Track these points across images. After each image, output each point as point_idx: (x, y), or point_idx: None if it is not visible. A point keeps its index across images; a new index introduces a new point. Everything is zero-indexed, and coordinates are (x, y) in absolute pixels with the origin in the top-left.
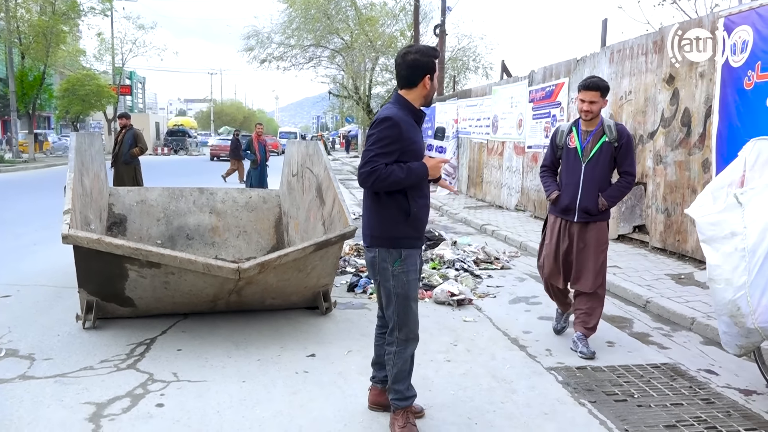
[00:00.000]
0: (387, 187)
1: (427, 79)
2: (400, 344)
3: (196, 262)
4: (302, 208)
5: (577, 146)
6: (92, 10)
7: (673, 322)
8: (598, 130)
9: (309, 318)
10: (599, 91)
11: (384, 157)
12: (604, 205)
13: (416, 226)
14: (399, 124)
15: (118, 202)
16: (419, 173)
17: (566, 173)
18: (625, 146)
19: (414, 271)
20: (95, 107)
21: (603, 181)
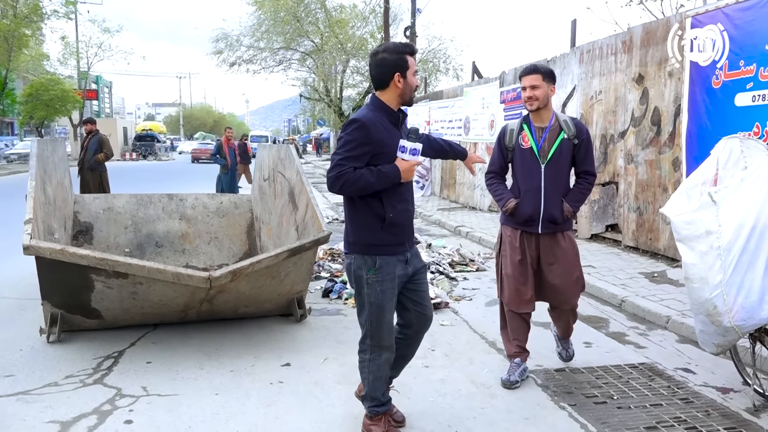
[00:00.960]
0: (356, 192)
1: (398, 77)
2: (373, 351)
3: (166, 272)
4: (274, 214)
5: (532, 146)
6: (55, 13)
7: (649, 321)
8: (554, 126)
9: (283, 326)
10: (540, 74)
11: (351, 160)
12: (570, 212)
13: (394, 232)
14: (366, 125)
15: (84, 210)
16: (391, 176)
17: (523, 178)
18: (585, 143)
19: (391, 280)
20: (60, 112)
21: (565, 184)
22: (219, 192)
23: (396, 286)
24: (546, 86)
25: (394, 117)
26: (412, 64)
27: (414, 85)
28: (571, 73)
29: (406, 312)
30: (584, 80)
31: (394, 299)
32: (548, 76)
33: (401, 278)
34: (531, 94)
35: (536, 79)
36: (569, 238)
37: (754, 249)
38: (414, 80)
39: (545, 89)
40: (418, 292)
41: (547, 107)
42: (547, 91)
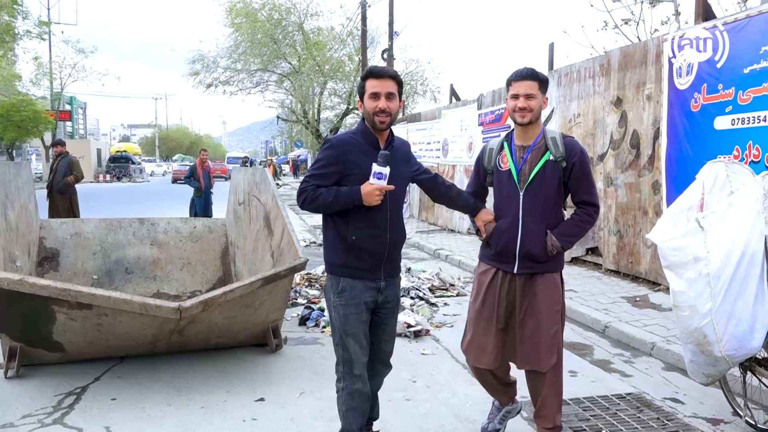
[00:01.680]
0: (316, 209)
1: (359, 103)
2: (345, 379)
3: (132, 302)
4: (249, 239)
5: (510, 168)
6: (28, 33)
7: (633, 348)
8: (539, 145)
9: (258, 356)
10: (537, 81)
11: (317, 178)
12: (556, 247)
13: (359, 256)
14: (337, 146)
15: (50, 235)
16: (350, 198)
17: (499, 205)
18: (578, 166)
19: (356, 305)
20: (32, 134)
21: (550, 214)
22: (192, 215)
23: (363, 312)
24: (541, 96)
25: (370, 139)
26: (369, 88)
27: (370, 109)
28: (550, 96)
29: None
30: (563, 103)
31: (360, 325)
32: (544, 86)
33: (369, 305)
34: (525, 104)
35: (532, 86)
36: (552, 281)
37: (743, 276)
38: (370, 103)
39: (540, 100)
40: (381, 325)
41: (536, 123)
42: (541, 102)
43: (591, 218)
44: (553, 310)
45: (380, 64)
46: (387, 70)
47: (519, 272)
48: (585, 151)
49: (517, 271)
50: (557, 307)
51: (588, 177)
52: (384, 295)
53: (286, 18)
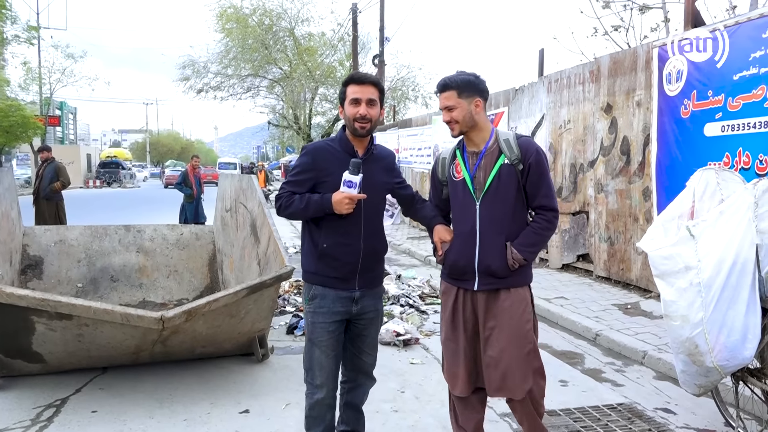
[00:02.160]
0: (290, 216)
1: (340, 110)
2: (308, 387)
3: (113, 312)
4: (237, 246)
5: (465, 176)
6: (17, 38)
7: (625, 356)
8: (491, 149)
9: (243, 366)
10: (453, 90)
11: (292, 185)
12: (518, 260)
13: (330, 264)
14: (311, 153)
15: (34, 242)
16: (320, 205)
17: (456, 218)
18: (534, 168)
19: (324, 314)
20: (20, 139)
21: (511, 224)
22: (182, 222)
23: (332, 323)
24: (466, 103)
25: (347, 146)
26: (349, 94)
27: (351, 115)
28: (540, 102)
29: (345, 351)
30: (553, 109)
31: (328, 337)
32: (466, 90)
33: (341, 315)
34: (448, 117)
35: (449, 97)
36: (519, 296)
37: (735, 285)
38: (351, 109)
39: (465, 107)
40: (358, 336)
41: (477, 128)
42: (470, 108)
43: (551, 224)
44: (524, 329)
45: (371, 70)
46: (368, 76)
47: (480, 289)
48: (542, 151)
49: (477, 288)
50: (527, 325)
51: (545, 179)
52: (360, 306)
53: (276, 23)
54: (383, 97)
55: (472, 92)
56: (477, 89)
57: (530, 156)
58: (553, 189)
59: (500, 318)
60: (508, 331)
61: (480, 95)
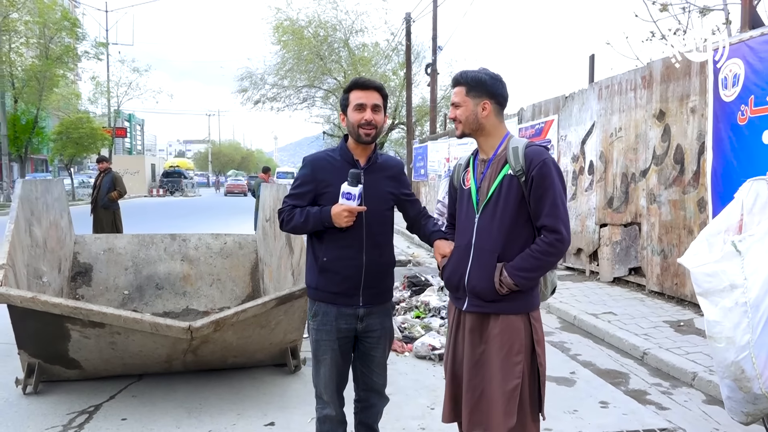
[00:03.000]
0: (292, 230)
1: (341, 117)
2: (318, 402)
3: (143, 322)
4: (275, 256)
5: (471, 186)
6: (86, 54)
7: (673, 377)
8: (499, 158)
9: (275, 377)
10: (463, 86)
11: (293, 198)
12: (506, 285)
13: (331, 279)
14: (310, 164)
15: (84, 250)
16: (318, 219)
17: (458, 230)
18: (536, 181)
19: (327, 332)
20: (89, 150)
21: (507, 242)
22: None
23: (336, 340)
24: (473, 102)
25: (347, 156)
26: (353, 99)
27: (355, 121)
28: (590, 110)
29: (354, 370)
30: (603, 117)
31: (332, 353)
32: (475, 89)
33: (345, 332)
34: (452, 114)
35: (458, 93)
36: (510, 325)
37: None
38: (355, 115)
39: (470, 107)
40: (366, 356)
41: (484, 132)
42: (475, 110)
43: (552, 248)
44: (511, 361)
45: (424, 79)
46: (372, 81)
47: (468, 310)
48: (550, 162)
49: (466, 308)
50: (516, 358)
51: (550, 194)
52: (365, 324)
53: (331, 34)
54: (387, 104)
55: (481, 93)
56: (487, 90)
57: (534, 167)
58: (561, 208)
59: (489, 344)
60: (491, 363)
61: (490, 97)
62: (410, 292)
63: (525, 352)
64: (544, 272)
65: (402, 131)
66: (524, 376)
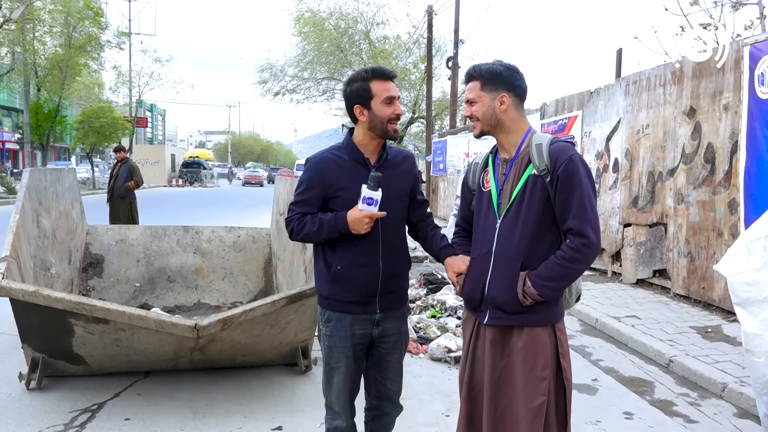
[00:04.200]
0: (304, 240)
1: (359, 110)
2: (327, 412)
3: (148, 319)
4: (288, 251)
5: (492, 188)
6: (108, 43)
7: (701, 387)
8: (522, 156)
9: (285, 377)
10: (477, 80)
11: (300, 205)
12: (530, 296)
13: (345, 288)
14: (315, 166)
15: (96, 241)
16: (334, 227)
17: (476, 237)
18: (562, 180)
19: (341, 338)
20: (110, 139)
21: (531, 249)
22: None
23: (351, 347)
24: (489, 98)
25: (356, 155)
26: (379, 91)
27: (386, 115)
28: (616, 105)
29: (367, 377)
30: (630, 113)
31: (346, 360)
32: (491, 82)
33: (360, 339)
34: (468, 112)
35: (472, 89)
36: (535, 338)
37: None
38: (386, 109)
39: (487, 102)
40: (382, 361)
41: (504, 129)
42: (492, 105)
43: (579, 254)
44: (536, 377)
45: (445, 72)
46: (392, 70)
47: (489, 323)
48: (577, 159)
49: (487, 321)
50: (542, 374)
51: (577, 194)
52: (381, 328)
53: (352, 27)
54: None
55: (498, 85)
56: (504, 82)
57: (560, 165)
58: (589, 209)
59: (512, 359)
60: (516, 380)
61: (508, 90)
62: (426, 290)
63: (551, 366)
64: (571, 281)
65: (421, 125)
66: (550, 393)
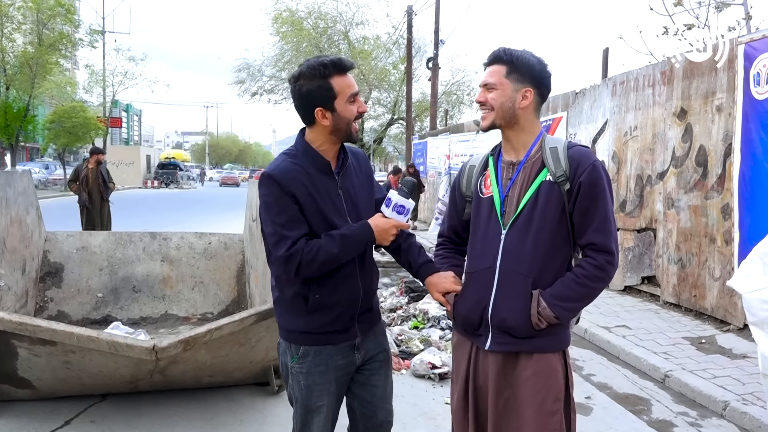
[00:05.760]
0: (321, 269)
1: (319, 113)
2: None
3: (99, 340)
4: (260, 260)
5: (494, 193)
6: (80, 41)
7: (701, 405)
8: (533, 159)
9: (255, 399)
10: (503, 65)
11: (290, 228)
12: (546, 318)
13: (324, 318)
14: (275, 178)
15: (55, 248)
16: (361, 238)
17: (473, 250)
18: (585, 189)
19: (321, 373)
20: (83, 140)
21: (544, 265)
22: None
23: (333, 380)
24: (512, 87)
25: (321, 163)
26: (343, 88)
27: (351, 116)
28: (603, 107)
29: (351, 413)
30: (617, 114)
31: (329, 398)
32: (519, 71)
33: (344, 369)
34: (482, 97)
35: (495, 73)
36: (546, 366)
37: None
38: (351, 108)
39: (509, 92)
40: (367, 387)
41: (518, 127)
42: (514, 96)
43: (602, 272)
44: (548, 410)
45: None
46: (351, 60)
47: (491, 349)
48: (601, 166)
49: (489, 347)
50: (554, 406)
51: (600, 205)
52: (363, 351)
53: (331, 27)
54: None
55: (525, 77)
56: (533, 76)
57: (582, 172)
58: (611, 222)
59: (519, 390)
60: (524, 412)
61: (534, 85)
62: (408, 298)
63: (563, 397)
64: (590, 302)
65: (401, 126)
66: (561, 428)
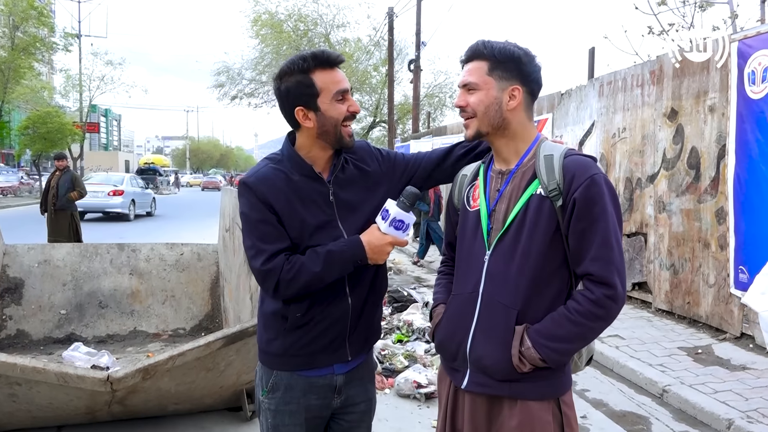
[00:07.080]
0: (306, 289)
1: (300, 113)
2: None
3: (46, 372)
4: (234, 273)
5: (480, 208)
6: (55, 45)
7: (703, 423)
8: (525, 168)
9: (228, 426)
10: (486, 61)
11: (268, 241)
12: (529, 359)
13: (303, 338)
14: (252, 187)
15: (15, 262)
16: (349, 256)
17: (458, 271)
18: (580, 207)
19: (291, 414)
20: (58, 146)
21: (532, 294)
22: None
23: (303, 423)
24: (497, 86)
25: (306, 169)
26: (327, 84)
27: (339, 116)
28: (590, 108)
29: None
30: (605, 115)
31: None
32: (503, 66)
33: (317, 411)
34: (462, 101)
35: (475, 71)
36: (533, 416)
37: None
38: (339, 108)
39: (493, 92)
40: None
41: (508, 132)
42: (500, 96)
43: (601, 309)
44: None
45: (407, 75)
46: (339, 53)
47: (469, 389)
48: (602, 180)
49: (466, 386)
50: None
51: (600, 228)
52: (344, 396)
53: (312, 29)
54: None
55: (511, 73)
56: (520, 71)
57: (577, 187)
58: (615, 249)
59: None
60: None
61: (523, 81)
62: (391, 308)
63: None
64: (586, 344)
65: (383, 129)
66: None
